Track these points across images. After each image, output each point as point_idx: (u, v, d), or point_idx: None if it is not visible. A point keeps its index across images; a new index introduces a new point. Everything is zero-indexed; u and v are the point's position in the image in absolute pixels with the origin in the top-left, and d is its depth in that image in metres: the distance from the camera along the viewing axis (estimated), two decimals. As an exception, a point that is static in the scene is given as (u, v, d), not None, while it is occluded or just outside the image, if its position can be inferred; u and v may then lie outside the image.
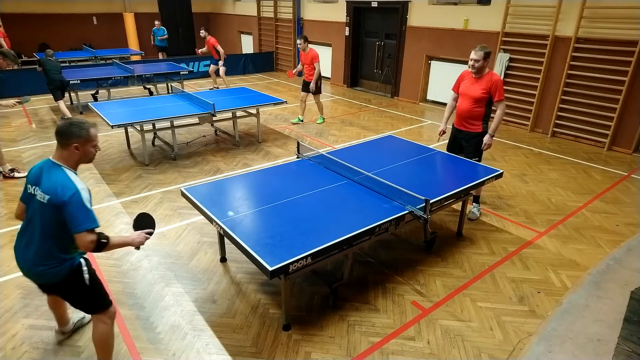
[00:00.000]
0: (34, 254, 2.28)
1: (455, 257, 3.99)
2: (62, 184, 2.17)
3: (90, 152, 2.34)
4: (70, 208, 2.14)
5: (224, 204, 3.32)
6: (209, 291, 3.48)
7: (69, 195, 2.14)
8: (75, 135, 2.24)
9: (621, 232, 4.52)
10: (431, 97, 10.02)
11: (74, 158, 2.28)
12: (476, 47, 4.25)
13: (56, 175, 2.20)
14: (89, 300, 2.45)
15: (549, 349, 2.84)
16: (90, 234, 2.18)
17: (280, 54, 14.21)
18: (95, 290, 2.45)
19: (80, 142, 2.25)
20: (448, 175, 4.19)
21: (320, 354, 2.88)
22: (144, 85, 10.25)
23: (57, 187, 2.16)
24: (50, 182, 2.19)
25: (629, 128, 6.84)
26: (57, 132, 2.26)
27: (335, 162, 3.94)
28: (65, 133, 2.23)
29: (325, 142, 7.15)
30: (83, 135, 2.26)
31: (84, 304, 2.47)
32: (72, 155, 2.27)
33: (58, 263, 2.27)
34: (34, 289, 3.42)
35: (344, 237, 2.83)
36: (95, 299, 2.46)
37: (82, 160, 2.33)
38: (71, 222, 2.16)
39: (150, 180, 5.57)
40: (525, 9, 7.75)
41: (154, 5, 16.15)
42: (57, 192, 2.15)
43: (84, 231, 2.16)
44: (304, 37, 7.62)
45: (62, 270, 2.28)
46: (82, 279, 2.35)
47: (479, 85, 4.31)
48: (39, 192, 2.22)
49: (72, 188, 2.16)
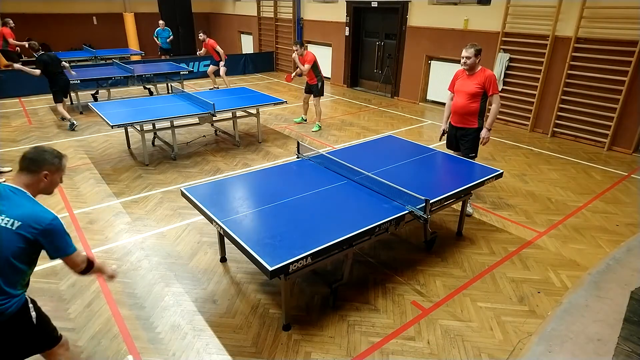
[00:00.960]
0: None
1: (455, 257, 3.99)
2: (38, 210, 2.05)
3: (56, 182, 2.23)
4: (55, 234, 2.05)
5: (224, 204, 3.32)
6: (209, 291, 3.48)
7: (50, 222, 2.03)
8: (48, 163, 2.14)
9: (621, 232, 4.52)
10: (431, 97, 10.03)
11: (39, 186, 2.15)
12: (467, 45, 4.42)
13: (26, 201, 2.06)
14: (37, 340, 2.17)
15: (549, 349, 2.84)
16: (77, 256, 2.16)
17: (280, 54, 14.21)
18: (44, 327, 2.20)
19: (51, 170, 2.16)
20: (448, 175, 4.19)
21: (320, 354, 2.88)
22: (144, 85, 10.25)
23: (33, 213, 2.02)
24: (21, 208, 2.01)
25: (629, 128, 6.84)
26: (27, 158, 2.12)
27: (335, 162, 3.94)
28: (38, 159, 2.12)
29: (325, 142, 7.15)
30: (56, 163, 2.18)
31: (33, 345, 2.17)
32: (38, 183, 2.13)
33: (6, 300, 1.98)
34: (33, 288, 3.43)
35: (344, 237, 2.82)
36: (45, 335, 2.21)
37: (46, 189, 2.20)
38: (59, 247, 2.08)
39: (150, 180, 5.57)
40: (525, 9, 7.75)
41: (154, 5, 16.14)
42: (34, 219, 2.00)
43: (72, 254, 2.13)
44: (299, 42, 7.52)
45: (9, 309, 1.98)
46: (29, 317, 2.08)
47: (473, 81, 4.45)
48: (3, 217, 1.98)
49: (50, 215, 2.05)
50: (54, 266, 3.74)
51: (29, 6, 13.94)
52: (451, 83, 4.73)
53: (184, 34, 17.03)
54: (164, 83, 10.48)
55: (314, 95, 7.75)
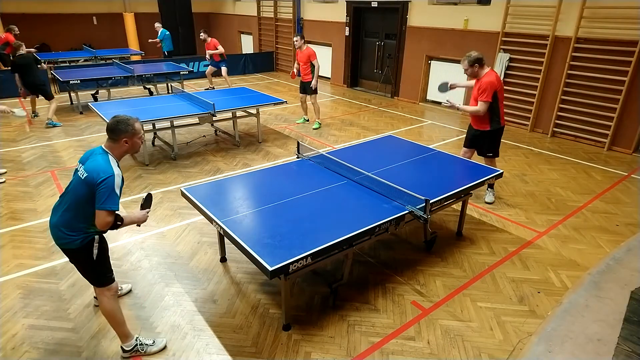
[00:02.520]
0: (57, 220, 2.55)
1: (455, 257, 3.99)
2: (103, 166, 2.45)
3: (137, 143, 2.66)
4: (102, 187, 2.40)
5: (224, 204, 3.32)
6: (209, 291, 3.48)
7: (104, 177, 2.40)
8: (123, 132, 2.56)
9: (621, 232, 4.52)
10: (431, 97, 10.02)
11: (122, 150, 2.60)
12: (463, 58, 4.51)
13: (100, 159, 2.49)
14: (93, 273, 2.67)
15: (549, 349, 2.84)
16: (109, 215, 2.44)
17: (280, 54, 14.21)
18: (100, 266, 2.66)
19: (128, 136, 2.58)
20: (448, 175, 4.19)
21: (320, 354, 2.88)
22: (144, 85, 10.25)
23: (97, 168, 2.44)
24: (93, 163, 2.48)
25: (629, 128, 6.84)
26: (108, 129, 2.58)
27: (335, 162, 3.94)
28: (115, 129, 2.55)
29: (325, 142, 7.15)
30: (130, 130, 2.58)
31: (88, 275, 2.69)
32: (121, 147, 2.59)
33: (75, 234, 2.51)
34: (34, 289, 3.44)
35: (344, 237, 2.83)
36: (99, 273, 2.67)
37: (130, 151, 2.66)
38: (98, 199, 2.41)
39: (150, 180, 5.57)
40: (525, 9, 7.75)
41: (154, 5, 16.14)
42: (95, 173, 2.42)
43: (105, 210, 2.42)
44: (301, 34, 7.57)
45: (76, 241, 2.52)
46: (90, 253, 2.58)
47: (476, 87, 4.60)
48: (82, 169, 2.51)
49: (108, 172, 2.43)
50: (54, 266, 3.75)
51: (29, 6, 13.93)
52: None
53: (184, 34, 17.04)
54: (164, 83, 10.48)
55: (310, 94, 7.75)
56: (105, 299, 2.70)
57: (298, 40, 7.48)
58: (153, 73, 9.84)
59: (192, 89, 10.41)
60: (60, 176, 5.59)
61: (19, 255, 3.90)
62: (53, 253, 3.93)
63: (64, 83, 8.62)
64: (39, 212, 4.68)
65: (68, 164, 5.97)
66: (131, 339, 2.81)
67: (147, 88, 10.35)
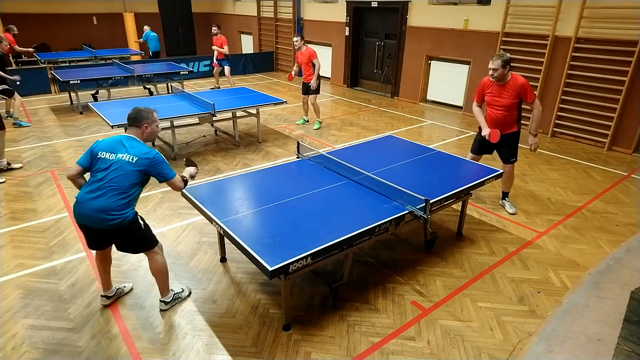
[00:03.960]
0: (103, 204, 2.75)
1: (455, 257, 3.99)
2: (146, 148, 2.89)
3: (155, 130, 3.09)
4: (159, 164, 2.87)
5: (224, 204, 3.32)
6: (209, 291, 3.48)
7: (154, 155, 2.86)
8: (144, 118, 2.98)
9: (621, 232, 4.52)
10: (431, 97, 10.02)
11: (143, 135, 3.00)
12: (493, 57, 4.17)
13: (138, 144, 2.90)
14: (145, 240, 3.02)
15: (549, 349, 2.84)
16: (177, 177, 2.96)
17: (280, 54, 14.21)
18: (149, 232, 3.05)
19: (148, 122, 2.99)
20: (448, 175, 4.18)
21: (320, 354, 2.88)
22: (144, 85, 10.25)
23: (144, 151, 2.86)
24: (138, 148, 2.86)
25: (629, 128, 6.85)
26: (130, 118, 2.99)
27: (335, 162, 3.94)
28: (138, 117, 2.97)
29: (325, 142, 7.15)
30: (149, 117, 3.01)
31: (141, 244, 3.03)
32: (142, 133, 2.99)
33: (124, 212, 2.80)
34: (34, 289, 3.44)
35: (344, 237, 2.82)
36: (149, 238, 3.04)
37: (149, 137, 3.06)
38: (163, 173, 2.89)
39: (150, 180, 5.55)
40: (525, 9, 7.75)
41: (154, 5, 16.14)
42: (145, 155, 2.83)
43: (174, 177, 2.94)
44: (301, 35, 7.55)
45: (127, 218, 2.81)
46: (138, 224, 2.92)
47: (507, 92, 4.28)
48: (126, 155, 2.82)
49: (153, 151, 2.89)
50: (54, 266, 3.75)
51: (29, 6, 13.93)
52: (478, 94, 4.51)
53: (184, 34, 17.04)
54: (164, 83, 10.49)
55: (311, 94, 7.73)
56: (157, 256, 3.08)
57: (298, 41, 7.46)
58: (153, 73, 9.85)
59: (192, 89, 10.41)
60: (60, 176, 5.59)
61: (19, 255, 3.90)
62: (53, 253, 3.93)
63: (64, 83, 8.62)
64: (39, 212, 4.68)
65: (68, 164, 5.97)
66: (169, 293, 3.24)
67: (147, 88, 10.36)
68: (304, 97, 8.00)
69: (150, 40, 12.80)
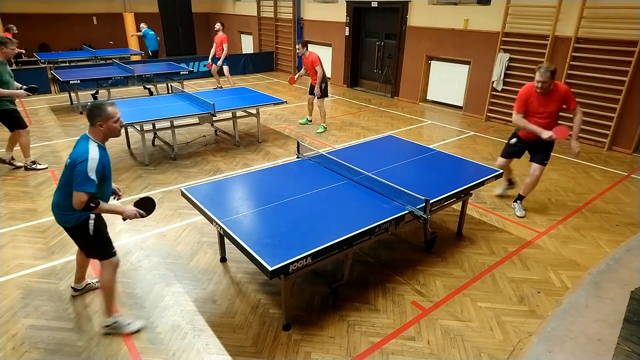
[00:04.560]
0: (54, 200, 2.83)
1: (455, 257, 3.99)
2: (80, 151, 2.64)
3: (114, 127, 2.76)
4: (76, 170, 2.58)
5: (224, 204, 3.32)
6: (209, 291, 3.48)
7: (79, 161, 2.59)
8: (96, 116, 2.69)
9: (621, 232, 4.52)
10: (431, 97, 10.02)
11: (101, 134, 2.73)
12: (540, 69, 4.23)
13: (81, 145, 2.69)
14: (93, 248, 2.92)
15: (549, 349, 2.84)
16: (82, 195, 2.58)
17: (280, 54, 14.20)
18: (99, 241, 2.89)
19: (102, 120, 2.70)
20: (448, 175, 4.18)
21: (320, 354, 2.88)
22: (144, 85, 10.26)
23: (76, 153, 2.65)
24: (75, 149, 2.69)
25: (629, 128, 6.84)
26: (86, 115, 2.75)
27: (335, 162, 3.94)
28: (90, 114, 2.71)
29: (325, 142, 7.15)
30: (102, 114, 2.70)
31: (89, 250, 2.98)
32: (98, 131, 2.72)
33: (69, 213, 2.74)
34: (34, 289, 3.44)
35: (344, 237, 2.83)
36: (99, 248, 2.91)
37: (109, 134, 2.77)
38: (74, 181, 2.59)
39: (150, 180, 5.57)
40: (525, 9, 7.75)
41: (154, 5, 16.13)
42: (74, 157, 2.63)
43: (78, 191, 2.58)
44: (303, 41, 7.46)
45: (72, 219, 2.77)
46: (87, 230, 2.80)
47: (552, 100, 4.34)
48: (68, 156, 2.71)
49: (84, 156, 2.60)
50: (54, 266, 3.75)
51: (29, 6, 13.92)
52: (521, 104, 4.48)
53: (184, 34, 17.04)
54: (164, 83, 10.48)
55: (318, 98, 7.65)
56: (104, 271, 2.93)
57: (300, 48, 7.40)
58: (153, 73, 9.84)
59: (192, 89, 10.41)
60: (60, 176, 5.58)
61: (19, 255, 3.90)
62: (53, 253, 3.93)
63: (64, 83, 8.62)
64: (38, 212, 4.68)
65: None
66: (110, 317, 2.99)
67: (147, 88, 10.36)
68: (310, 97, 7.97)
69: (148, 40, 12.77)
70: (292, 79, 7.95)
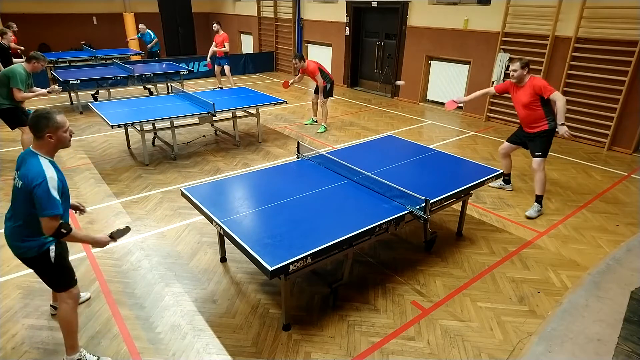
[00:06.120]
0: (10, 232, 2.50)
1: (455, 257, 3.99)
2: (34, 171, 2.33)
3: (64, 137, 2.48)
4: (37, 194, 2.29)
5: (224, 204, 3.32)
6: (209, 291, 3.48)
7: (37, 183, 2.30)
8: (45, 127, 2.39)
9: (621, 232, 4.52)
10: (431, 97, 10.02)
11: (49, 147, 2.45)
12: (514, 60, 4.69)
13: (30, 163, 2.37)
14: (52, 278, 2.64)
15: (549, 349, 2.84)
16: (52, 220, 2.34)
17: (280, 54, 14.20)
18: (59, 270, 2.61)
19: (51, 131, 2.40)
20: (448, 175, 4.18)
21: (320, 354, 2.88)
22: (144, 85, 10.25)
23: (29, 174, 2.33)
24: (25, 169, 2.37)
25: (629, 128, 6.84)
26: (29, 127, 2.43)
27: (335, 162, 3.94)
28: (36, 125, 2.39)
29: (325, 142, 7.15)
30: (51, 125, 2.40)
31: (48, 280, 2.66)
32: (47, 144, 2.43)
33: (31, 240, 2.46)
34: (34, 289, 3.44)
35: (344, 237, 2.83)
36: (58, 278, 2.63)
37: (59, 146, 2.49)
38: (38, 206, 2.32)
39: (150, 180, 5.57)
40: (525, 9, 7.75)
41: (154, 5, 16.13)
42: (28, 179, 2.32)
43: (46, 217, 2.32)
44: (298, 55, 7.36)
45: (32, 249, 2.47)
46: (48, 259, 2.52)
47: (524, 92, 4.65)
48: (17, 177, 2.44)
49: (40, 176, 2.31)
50: (54, 266, 3.74)
51: (29, 6, 13.92)
52: (502, 86, 4.97)
53: (184, 34, 17.04)
54: (164, 83, 10.48)
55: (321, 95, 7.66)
56: (64, 305, 2.63)
57: (297, 62, 7.34)
58: (153, 73, 9.84)
59: (192, 89, 10.41)
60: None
61: (19, 255, 3.90)
62: (53, 253, 3.92)
63: (64, 83, 8.61)
64: (39, 212, 4.68)
65: (68, 164, 5.97)
66: (76, 353, 2.70)
67: (147, 88, 10.35)
68: (314, 96, 7.94)
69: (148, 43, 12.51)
70: (286, 83, 7.85)
